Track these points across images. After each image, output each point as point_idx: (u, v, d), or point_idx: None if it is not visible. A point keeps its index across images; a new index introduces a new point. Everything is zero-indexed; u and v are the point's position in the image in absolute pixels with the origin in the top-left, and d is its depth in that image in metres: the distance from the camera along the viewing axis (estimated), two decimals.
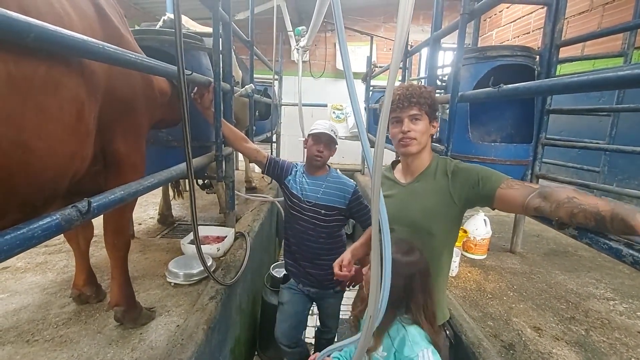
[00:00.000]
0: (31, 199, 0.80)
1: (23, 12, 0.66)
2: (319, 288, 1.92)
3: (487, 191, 1.08)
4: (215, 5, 1.77)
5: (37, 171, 0.76)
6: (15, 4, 0.68)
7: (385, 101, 0.70)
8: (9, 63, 0.65)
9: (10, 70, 0.65)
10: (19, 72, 0.67)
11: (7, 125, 0.66)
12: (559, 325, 1.62)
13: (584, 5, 3.72)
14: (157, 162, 1.77)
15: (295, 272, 1.95)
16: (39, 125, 0.73)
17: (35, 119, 0.72)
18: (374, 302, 0.80)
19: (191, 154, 1.18)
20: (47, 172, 0.80)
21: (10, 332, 1.41)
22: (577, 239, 0.98)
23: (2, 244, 0.65)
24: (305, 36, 3.81)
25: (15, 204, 0.76)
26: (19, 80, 0.67)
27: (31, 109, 0.71)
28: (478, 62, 2.06)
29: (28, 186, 0.76)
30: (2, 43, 0.65)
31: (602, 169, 2.54)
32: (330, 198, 1.81)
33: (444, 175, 1.20)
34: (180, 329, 1.44)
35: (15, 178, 0.71)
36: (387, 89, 0.69)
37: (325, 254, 1.85)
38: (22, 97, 0.69)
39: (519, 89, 1.33)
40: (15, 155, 0.69)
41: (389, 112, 0.71)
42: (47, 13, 0.79)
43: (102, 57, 0.92)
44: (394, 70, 0.68)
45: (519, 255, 2.42)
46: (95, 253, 2.09)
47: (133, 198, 1.08)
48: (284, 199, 1.93)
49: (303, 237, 1.86)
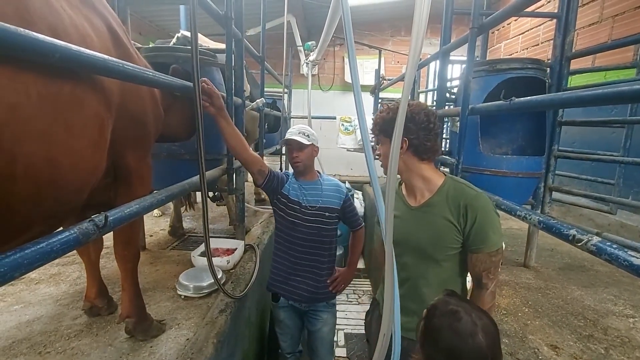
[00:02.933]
0: (55, 211, 0.83)
1: (54, 34, 0.70)
2: (311, 302, 1.88)
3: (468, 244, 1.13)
4: (229, 22, 1.82)
5: (63, 185, 0.79)
6: (46, 26, 0.72)
7: (400, 114, 0.71)
8: (38, 83, 0.68)
9: (40, 90, 0.68)
10: (48, 91, 0.71)
11: (38, 142, 0.69)
12: (576, 343, 1.56)
13: (594, 17, 3.72)
14: (167, 174, 1.81)
15: (286, 288, 1.87)
16: (65, 142, 0.76)
17: (63, 135, 0.75)
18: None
19: (205, 167, 1.20)
20: (71, 186, 0.82)
21: (23, 344, 1.42)
22: (596, 254, 0.96)
23: (23, 257, 0.66)
24: (315, 50, 3.87)
25: (41, 216, 0.78)
26: (48, 99, 0.71)
27: (59, 126, 0.74)
28: (488, 75, 2.06)
29: (54, 200, 0.78)
30: (31, 65, 0.69)
31: (617, 181, 2.49)
32: (330, 200, 1.84)
33: (456, 206, 1.13)
34: (190, 342, 1.44)
35: (43, 192, 0.74)
36: (402, 102, 0.70)
37: (327, 260, 1.87)
38: (51, 116, 0.72)
39: (530, 102, 1.32)
40: (44, 171, 0.72)
41: (403, 126, 0.71)
42: (73, 34, 0.83)
43: (121, 75, 0.95)
44: (409, 83, 0.69)
45: (533, 269, 2.36)
46: (107, 265, 2.11)
47: (147, 212, 1.09)
48: (279, 210, 1.85)
49: (306, 245, 1.82)
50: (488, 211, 1.12)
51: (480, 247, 1.12)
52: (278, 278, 1.89)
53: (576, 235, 1.01)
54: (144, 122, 1.33)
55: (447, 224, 1.13)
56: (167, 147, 1.98)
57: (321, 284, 1.86)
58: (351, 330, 3.45)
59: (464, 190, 1.15)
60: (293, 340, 2.00)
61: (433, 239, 1.16)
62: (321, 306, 1.91)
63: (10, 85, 0.63)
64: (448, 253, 1.16)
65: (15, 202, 0.70)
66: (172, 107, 1.74)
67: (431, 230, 1.16)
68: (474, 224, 1.11)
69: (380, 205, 0.92)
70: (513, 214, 1.37)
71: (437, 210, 1.16)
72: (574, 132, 3.54)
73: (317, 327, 1.91)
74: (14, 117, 0.64)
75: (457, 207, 1.13)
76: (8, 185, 0.66)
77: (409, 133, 1.13)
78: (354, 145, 5.00)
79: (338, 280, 1.91)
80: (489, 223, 1.11)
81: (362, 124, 0.91)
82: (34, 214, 0.76)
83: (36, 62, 0.70)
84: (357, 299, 4.13)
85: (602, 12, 3.64)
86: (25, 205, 0.72)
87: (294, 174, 1.90)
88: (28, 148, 0.68)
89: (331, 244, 1.90)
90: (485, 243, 1.11)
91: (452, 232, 1.13)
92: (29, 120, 0.67)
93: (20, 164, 0.66)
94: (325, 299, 1.91)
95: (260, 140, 3.18)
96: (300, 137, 1.77)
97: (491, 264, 1.12)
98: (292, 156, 1.81)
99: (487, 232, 1.11)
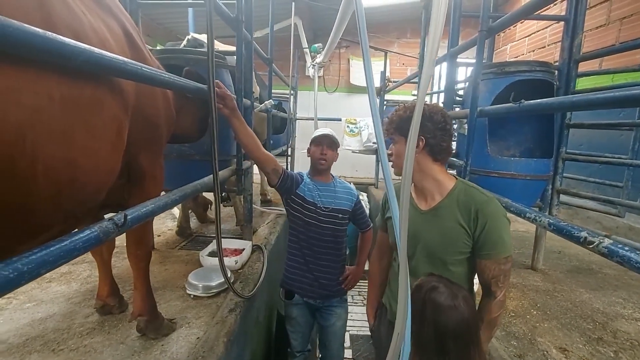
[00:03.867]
0: (75, 211, 0.84)
1: (76, 38, 0.72)
2: (325, 298, 1.94)
3: (477, 249, 1.12)
4: (240, 25, 1.84)
5: (83, 186, 0.80)
6: (69, 30, 0.74)
7: (415, 115, 0.72)
8: (61, 86, 0.70)
9: (63, 93, 0.70)
10: (70, 94, 0.72)
11: (59, 144, 0.70)
12: (586, 346, 1.56)
13: (601, 20, 3.71)
14: (177, 175, 1.83)
15: (301, 285, 1.93)
16: (86, 143, 0.78)
17: (83, 137, 0.77)
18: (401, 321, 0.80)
19: (218, 168, 1.22)
20: (90, 187, 0.84)
21: (36, 341, 1.44)
22: (608, 257, 0.96)
23: (49, 255, 0.68)
24: (322, 53, 3.89)
25: (61, 216, 0.80)
26: (70, 102, 0.72)
27: (80, 129, 0.76)
28: (496, 77, 2.07)
29: (73, 200, 0.80)
30: (54, 67, 0.70)
31: (626, 184, 2.48)
32: (343, 202, 1.90)
33: (467, 211, 1.13)
34: (200, 341, 1.45)
35: (63, 193, 0.75)
36: (418, 103, 0.71)
37: (340, 258, 1.95)
38: (72, 118, 0.73)
39: (540, 105, 1.32)
40: (65, 172, 0.73)
41: (418, 127, 0.72)
42: (93, 38, 0.84)
43: (139, 77, 0.97)
44: (425, 84, 0.70)
45: (541, 272, 2.36)
46: (117, 264, 2.13)
47: (163, 211, 1.11)
48: (293, 210, 1.88)
49: (321, 245, 1.87)
50: (499, 217, 1.11)
51: (489, 253, 1.10)
52: (293, 276, 1.94)
53: (587, 238, 1.02)
54: (158, 123, 1.35)
55: (458, 228, 1.13)
56: (177, 148, 2.00)
57: (335, 281, 1.93)
58: (357, 331, 3.46)
59: (475, 195, 1.15)
60: (304, 339, 2.03)
61: (444, 243, 1.16)
62: (335, 301, 1.97)
63: (33, 88, 0.64)
64: (458, 257, 1.16)
65: (37, 202, 0.71)
66: (183, 108, 1.76)
67: (442, 234, 1.16)
68: (484, 230, 1.10)
69: (394, 206, 0.93)
70: (523, 216, 1.37)
71: (448, 214, 1.15)
72: (581, 134, 3.53)
73: (331, 321, 1.96)
74: (37, 120, 0.65)
75: (468, 211, 1.12)
76: (31, 185, 0.68)
77: (426, 132, 1.13)
78: (359, 147, 5.01)
79: (349, 278, 1.98)
80: (499, 229, 1.10)
81: (376, 127, 0.92)
82: (55, 214, 0.78)
83: (60, 65, 0.72)
84: (362, 300, 4.13)
85: (609, 15, 3.63)
86: (47, 206, 0.74)
87: (312, 172, 1.93)
88: (50, 150, 0.70)
89: (343, 243, 1.97)
90: (495, 249, 1.10)
91: (463, 236, 1.13)
92: (51, 123, 0.69)
93: (42, 165, 0.68)
94: (339, 295, 1.98)
95: (267, 141, 3.20)
96: (333, 136, 1.87)
97: (500, 272, 1.10)
98: (322, 153, 1.85)
99: (497, 238, 1.10)
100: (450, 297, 0.92)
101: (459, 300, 0.92)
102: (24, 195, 0.70)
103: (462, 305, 0.91)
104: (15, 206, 0.68)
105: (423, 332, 0.92)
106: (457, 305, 0.91)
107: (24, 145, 0.65)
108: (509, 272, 1.13)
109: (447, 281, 0.99)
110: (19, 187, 0.67)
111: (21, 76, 0.63)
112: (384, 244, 1.49)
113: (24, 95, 0.64)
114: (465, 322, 0.90)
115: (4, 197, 0.65)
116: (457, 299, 0.92)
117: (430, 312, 0.92)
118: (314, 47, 4.05)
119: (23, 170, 0.67)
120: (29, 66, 0.65)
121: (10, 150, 0.61)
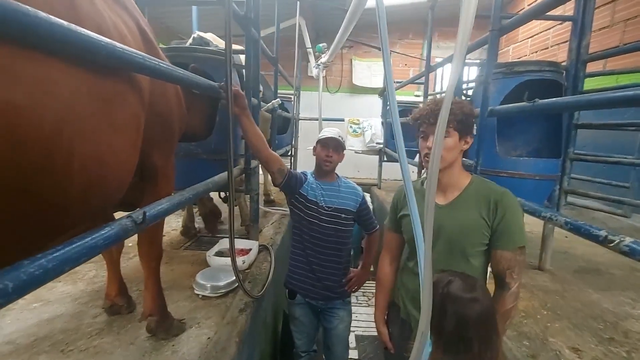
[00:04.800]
0: (99, 209, 0.83)
1: (100, 33, 0.71)
2: (328, 300, 1.91)
3: (493, 240, 1.14)
4: (248, 25, 1.83)
5: (108, 183, 0.80)
6: (94, 25, 0.73)
7: (442, 113, 0.71)
8: (88, 80, 0.69)
9: (90, 88, 0.69)
10: (96, 89, 0.71)
11: (91, 140, 0.69)
12: (598, 346, 1.55)
13: (605, 22, 3.72)
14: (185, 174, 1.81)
15: (304, 286, 1.90)
16: (111, 140, 0.76)
17: (109, 134, 0.76)
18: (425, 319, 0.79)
19: (232, 166, 1.20)
20: (114, 184, 0.83)
21: (45, 341, 1.42)
22: (629, 255, 0.96)
23: (71, 252, 0.67)
24: (326, 53, 3.89)
25: (88, 213, 0.79)
26: (96, 97, 0.71)
27: (106, 125, 0.74)
28: (505, 77, 2.07)
29: (100, 197, 0.79)
30: (79, 61, 0.69)
31: (632, 184, 2.48)
32: (347, 202, 1.87)
33: (486, 202, 1.16)
34: (211, 341, 1.44)
35: (93, 190, 0.74)
36: (445, 100, 0.70)
37: (344, 259, 1.91)
38: (99, 114, 0.72)
39: (555, 103, 1.32)
40: (94, 169, 0.73)
41: (445, 125, 0.72)
42: (114, 33, 0.84)
43: (157, 74, 0.96)
44: (454, 79, 0.70)
45: (549, 272, 2.35)
46: (123, 264, 2.10)
47: (177, 209, 1.10)
48: (296, 209, 1.87)
49: (324, 245, 1.84)
50: (516, 208, 1.15)
51: (507, 243, 1.13)
52: (295, 276, 1.92)
53: (608, 236, 1.01)
54: (170, 121, 1.34)
55: (478, 219, 1.15)
56: (184, 147, 1.99)
57: (338, 282, 1.89)
58: (362, 332, 3.44)
59: (492, 187, 1.19)
60: (308, 339, 2.01)
61: (464, 235, 1.18)
62: (338, 304, 1.93)
63: (65, 81, 0.63)
64: (478, 249, 1.18)
65: (70, 199, 0.70)
66: (193, 106, 1.75)
67: (462, 226, 1.18)
68: (502, 220, 1.13)
69: (413, 205, 0.93)
70: (537, 215, 1.37)
71: (468, 206, 1.18)
72: (585, 135, 3.52)
73: (334, 324, 1.93)
74: (71, 113, 0.64)
75: (487, 202, 1.15)
76: (66, 182, 0.67)
77: (471, 130, 1.18)
78: (362, 147, 5.00)
79: (353, 280, 1.94)
80: (516, 220, 1.14)
81: (395, 127, 0.91)
82: (83, 212, 0.77)
83: (84, 59, 0.71)
84: (367, 300, 4.12)
85: (613, 16, 3.64)
86: (78, 203, 0.73)
87: (317, 173, 1.91)
88: (83, 145, 0.69)
89: (347, 245, 1.93)
90: (512, 239, 1.13)
91: (483, 228, 1.15)
92: (83, 117, 0.68)
93: (77, 162, 0.67)
94: (342, 297, 1.94)
95: (272, 141, 3.19)
96: (340, 139, 1.83)
97: (515, 263, 1.13)
98: (327, 155, 1.83)
99: (514, 228, 1.13)
100: (468, 288, 0.96)
101: (477, 290, 0.96)
102: (60, 192, 0.69)
103: (480, 295, 0.95)
104: (51, 203, 0.67)
105: (445, 326, 0.93)
106: (476, 296, 0.94)
107: (61, 140, 0.64)
108: (523, 264, 1.16)
109: (461, 274, 1.02)
110: (55, 184, 0.66)
111: (54, 68, 0.61)
112: (394, 246, 1.46)
113: (59, 87, 0.63)
114: (486, 310, 0.94)
115: (41, 193, 0.63)
116: (475, 290, 0.96)
117: (451, 305, 0.94)
118: (318, 47, 4.04)
119: (60, 166, 0.66)
120: (58, 59, 0.64)
121: (48, 145, 0.60)
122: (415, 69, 6.58)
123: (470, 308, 0.93)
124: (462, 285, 0.96)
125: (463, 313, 0.92)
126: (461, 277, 1.00)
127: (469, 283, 0.97)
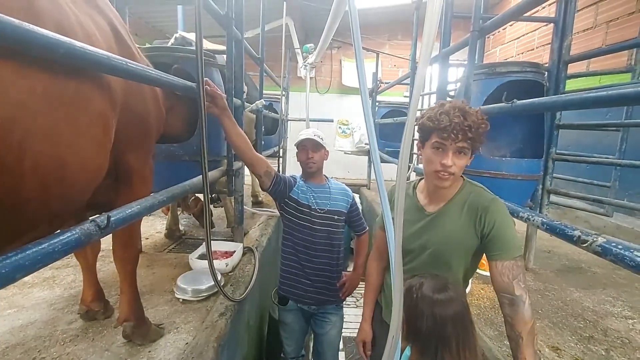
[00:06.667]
0: (61, 211, 0.81)
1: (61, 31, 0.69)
2: (321, 304, 1.89)
3: (489, 250, 1.10)
4: (230, 24, 1.81)
5: (69, 184, 0.77)
6: (52, 22, 0.71)
7: (409, 116, 0.70)
8: (43, 80, 0.67)
9: (46, 87, 0.67)
10: (53, 88, 0.69)
11: (45, 140, 0.68)
12: (578, 345, 1.57)
13: (588, 23, 3.78)
14: (166, 176, 1.78)
15: (296, 291, 1.88)
16: (71, 140, 0.75)
17: (69, 134, 0.74)
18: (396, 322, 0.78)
19: (207, 168, 1.18)
20: (77, 185, 0.81)
21: (16, 349, 1.38)
22: (601, 255, 0.96)
23: (25, 259, 0.64)
24: (313, 53, 3.87)
25: (47, 216, 0.77)
26: (53, 97, 0.69)
27: (65, 124, 0.73)
28: (487, 78, 2.08)
29: (60, 199, 0.77)
30: (35, 61, 0.67)
31: (613, 184, 2.51)
32: (339, 203, 1.86)
33: (474, 210, 1.12)
34: (189, 346, 1.41)
35: (49, 190, 0.73)
36: (411, 105, 0.69)
37: (336, 262, 1.88)
38: (57, 113, 0.70)
39: (532, 104, 1.33)
40: (51, 169, 0.71)
41: (412, 129, 0.71)
42: (79, 32, 0.82)
43: (124, 74, 0.93)
44: (419, 86, 0.69)
45: (532, 271, 2.37)
46: (102, 268, 2.07)
47: (149, 212, 1.07)
48: (287, 214, 1.85)
49: (317, 248, 1.83)
50: (505, 215, 1.11)
51: (505, 253, 1.07)
52: (288, 282, 1.90)
53: (581, 236, 1.02)
54: (147, 122, 1.31)
55: (465, 228, 1.12)
56: (165, 148, 1.95)
57: (332, 286, 1.87)
58: (350, 333, 3.43)
59: (482, 194, 1.14)
60: (297, 345, 2.00)
61: (450, 244, 1.14)
62: (330, 308, 1.92)
63: (17, 81, 0.61)
64: (463, 259, 1.16)
65: (23, 200, 0.68)
66: (174, 108, 1.72)
67: (448, 235, 1.14)
68: (493, 229, 1.08)
69: (386, 208, 0.91)
70: (516, 215, 1.37)
71: (455, 215, 1.14)
72: (568, 135, 3.58)
73: (326, 329, 1.91)
74: (22, 114, 0.63)
75: (475, 210, 1.11)
76: (17, 182, 0.65)
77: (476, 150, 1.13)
78: (351, 147, 5.01)
79: (346, 285, 1.93)
80: (509, 227, 1.09)
81: (369, 128, 0.90)
82: (41, 213, 0.75)
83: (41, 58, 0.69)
84: (355, 302, 4.11)
85: (596, 18, 3.70)
86: (33, 204, 0.71)
87: (304, 176, 1.89)
88: (37, 145, 0.67)
89: (340, 246, 1.91)
90: (510, 247, 1.07)
91: (469, 237, 1.12)
92: (36, 117, 0.66)
93: (29, 161, 0.65)
94: (335, 302, 1.92)
95: (258, 142, 3.16)
96: (316, 138, 1.80)
97: (519, 270, 1.06)
98: (308, 157, 1.81)
99: (509, 236, 1.08)
100: (440, 288, 0.97)
101: (450, 289, 0.98)
102: (11, 192, 0.67)
103: (454, 294, 0.97)
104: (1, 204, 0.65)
105: (421, 327, 0.93)
106: (450, 294, 0.96)
107: (11, 139, 0.62)
108: (524, 270, 1.13)
109: (431, 275, 1.03)
110: (6, 184, 0.64)
111: (2, 66, 0.59)
112: (383, 244, 1.45)
113: (7, 85, 0.61)
114: (461, 308, 0.95)
115: None
116: (448, 289, 0.97)
117: (426, 307, 0.94)
118: (305, 47, 4.03)
119: (10, 166, 0.64)
120: (10, 58, 0.62)
121: None
122: (404, 70, 6.60)
123: (446, 307, 0.93)
124: (434, 285, 0.97)
125: (439, 313, 0.93)
126: (431, 276, 1.01)
127: (440, 283, 0.98)
